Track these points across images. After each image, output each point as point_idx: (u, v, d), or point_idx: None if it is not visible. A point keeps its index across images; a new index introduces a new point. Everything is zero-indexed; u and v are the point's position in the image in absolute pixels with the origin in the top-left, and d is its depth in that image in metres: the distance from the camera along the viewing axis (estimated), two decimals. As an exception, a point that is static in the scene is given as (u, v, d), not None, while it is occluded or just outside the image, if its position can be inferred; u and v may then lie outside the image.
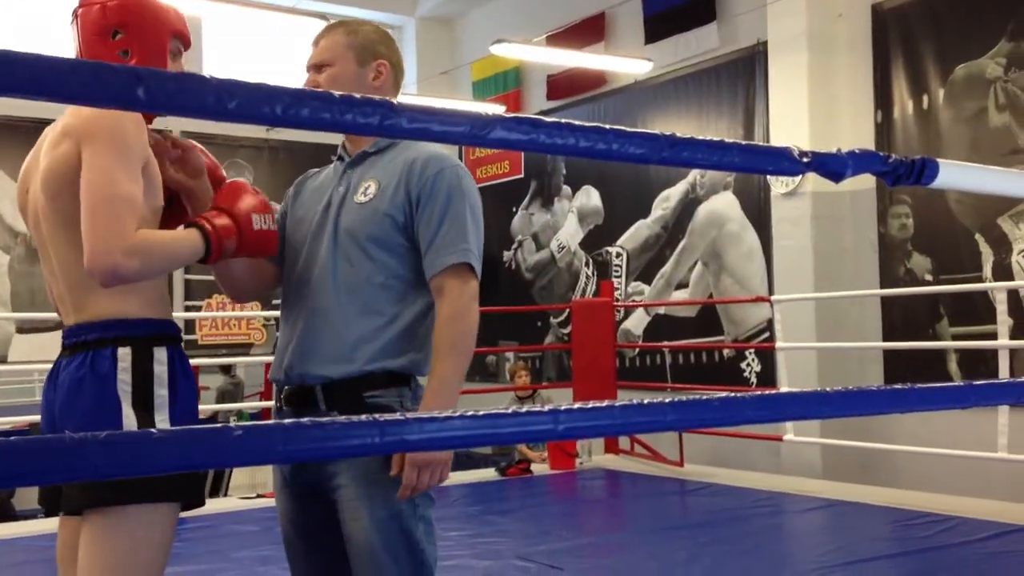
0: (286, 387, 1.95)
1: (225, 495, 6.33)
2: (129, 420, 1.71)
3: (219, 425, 0.81)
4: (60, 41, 1.92)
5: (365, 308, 1.87)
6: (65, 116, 1.79)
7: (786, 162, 1.17)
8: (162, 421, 1.74)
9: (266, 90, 0.85)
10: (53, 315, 1.96)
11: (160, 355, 1.77)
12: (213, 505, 5.34)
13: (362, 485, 1.83)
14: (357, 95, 0.90)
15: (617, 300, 7.71)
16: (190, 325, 9.41)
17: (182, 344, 1.87)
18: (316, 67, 1.99)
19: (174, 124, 9.26)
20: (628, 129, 1.08)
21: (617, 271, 8.51)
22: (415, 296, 1.90)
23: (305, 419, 0.84)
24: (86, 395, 1.72)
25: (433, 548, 1.89)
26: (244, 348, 9.79)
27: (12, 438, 0.73)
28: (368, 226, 1.88)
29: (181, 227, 1.83)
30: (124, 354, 1.73)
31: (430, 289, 1.89)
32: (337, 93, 0.89)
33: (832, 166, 1.19)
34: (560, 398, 7.24)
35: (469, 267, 1.86)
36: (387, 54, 2.02)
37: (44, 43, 8.33)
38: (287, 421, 0.83)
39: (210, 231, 1.76)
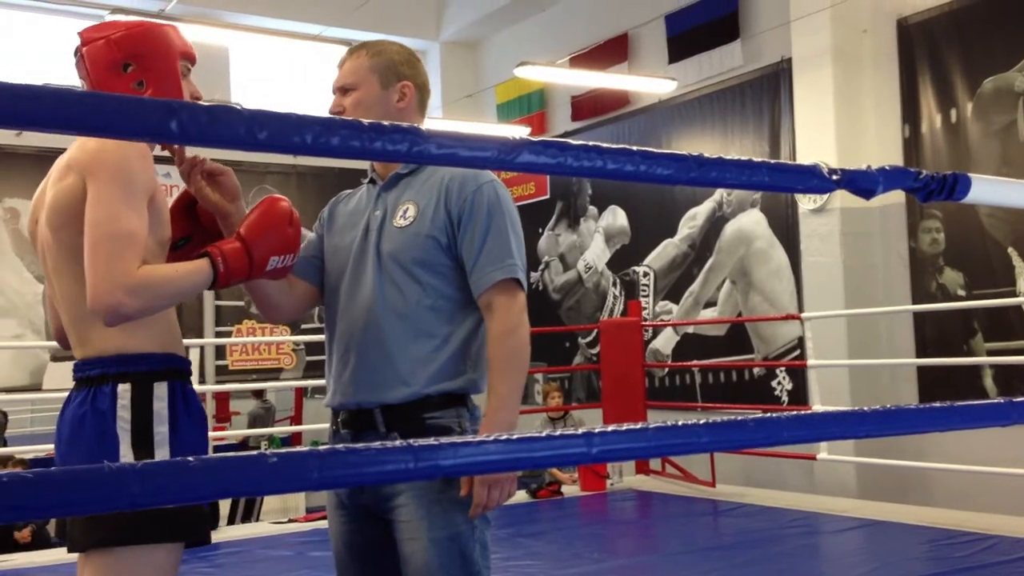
0: (343, 411, 1.94)
1: (257, 520, 6.35)
2: (127, 459, 1.68)
3: (254, 452, 0.81)
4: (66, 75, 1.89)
5: (417, 331, 1.87)
6: (71, 149, 1.78)
7: (816, 180, 1.17)
8: (162, 458, 1.71)
9: (296, 120, 0.86)
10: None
11: (160, 391, 1.73)
12: (245, 530, 5.36)
13: (422, 505, 1.83)
14: (386, 123, 0.91)
15: (645, 319, 7.68)
16: (221, 351, 9.49)
17: (189, 377, 1.82)
18: (341, 90, 1.99)
19: (203, 151, 9.38)
20: (655, 150, 1.07)
21: (644, 290, 8.49)
22: (465, 315, 1.91)
23: (340, 446, 0.84)
24: (87, 432, 1.71)
25: (488, 572, 1.88)
26: (274, 373, 9.84)
27: (51, 469, 0.74)
28: (411, 250, 1.88)
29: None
30: (124, 391, 1.71)
31: (478, 307, 1.90)
32: (366, 121, 0.90)
33: (863, 183, 1.18)
34: (590, 418, 7.20)
35: (516, 282, 1.87)
36: (411, 75, 2.01)
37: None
38: (321, 448, 0.84)
39: (221, 272, 1.72)
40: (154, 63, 1.81)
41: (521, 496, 5.82)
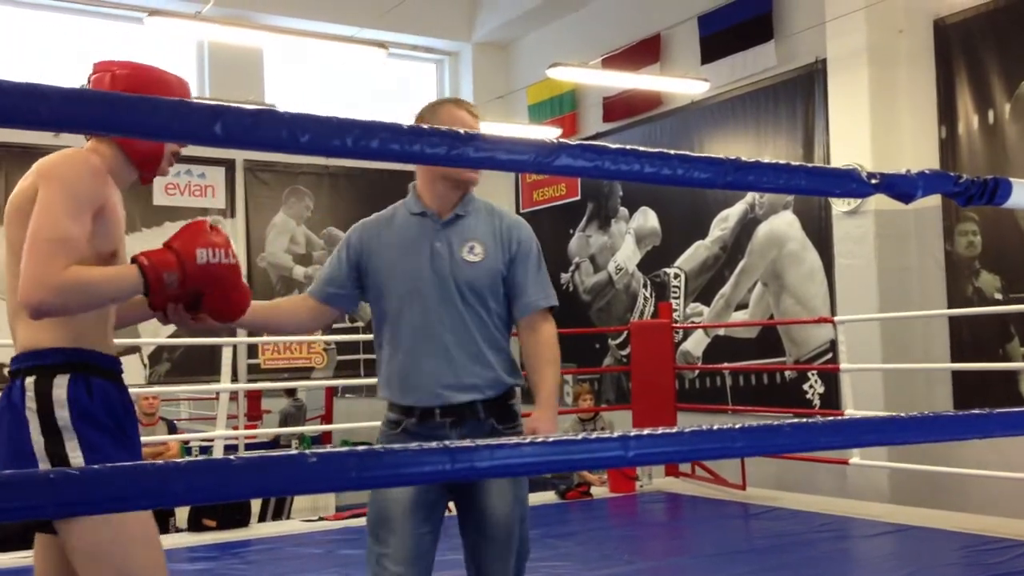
0: (439, 408, 2.34)
1: (288, 517, 6.39)
2: (39, 445, 1.82)
3: (294, 452, 0.82)
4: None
5: (492, 343, 2.39)
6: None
7: (854, 184, 1.16)
8: (70, 440, 1.83)
9: (336, 123, 0.87)
10: (127, 339, 2.03)
11: (60, 381, 1.85)
12: (276, 528, 5.40)
13: None
14: (425, 126, 0.91)
15: (676, 321, 7.65)
16: (253, 349, 9.57)
17: (104, 372, 1.92)
18: None
19: (237, 151, 9.46)
20: (692, 154, 1.07)
21: (675, 292, 8.46)
22: (510, 329, 2.47)
23: (378, 447, 0.85)
24: (3, 422, 1.86)
25: None
26: (306, 372, 9.91)
27: (95, 466, 0.75)
28: (485, 281, 2.38)
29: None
30: (30, 383, 1.85)
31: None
32: (405, 124, 0.90)
33: (902, 187, 1.17)
34: (619, 420, 7.19)
35: (552, 308, 2.44)
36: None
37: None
38: (360, 448, 0.84)
39: (146, 265, 1.81)
40: None
41: (550, 497, 5.82)
